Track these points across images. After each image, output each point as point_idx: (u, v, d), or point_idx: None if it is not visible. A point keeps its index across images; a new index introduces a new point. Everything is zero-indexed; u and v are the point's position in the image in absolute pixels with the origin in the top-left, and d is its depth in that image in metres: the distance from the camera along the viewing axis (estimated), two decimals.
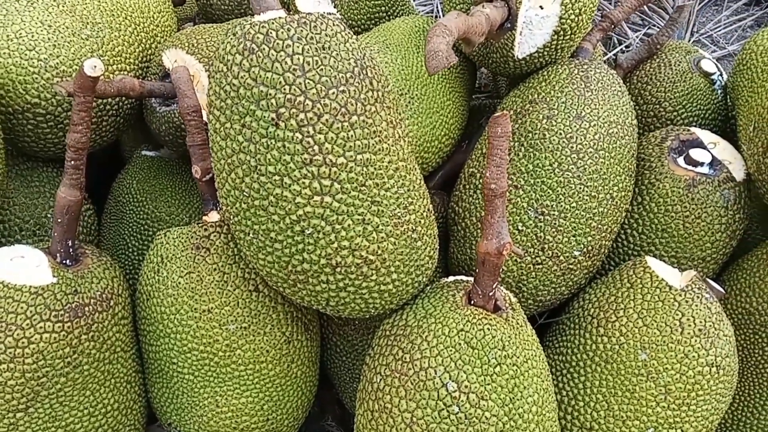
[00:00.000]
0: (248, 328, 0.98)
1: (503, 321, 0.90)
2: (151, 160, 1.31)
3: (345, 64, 0.82)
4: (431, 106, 1.15)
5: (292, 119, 0.79)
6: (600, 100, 1.08)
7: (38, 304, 0.89)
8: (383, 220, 0.85)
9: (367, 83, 0.84)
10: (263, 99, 0.80)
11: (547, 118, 1.07)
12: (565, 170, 1.04)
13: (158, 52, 1.23)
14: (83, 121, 0.90)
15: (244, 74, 0.80)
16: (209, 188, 1.07)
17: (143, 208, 1.25)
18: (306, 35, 0.81)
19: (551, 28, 1.09)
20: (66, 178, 0.93)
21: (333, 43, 0.82)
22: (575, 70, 1.11)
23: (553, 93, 1.09)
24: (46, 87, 1.06)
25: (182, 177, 1.30)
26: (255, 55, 0.80)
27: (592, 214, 1.05)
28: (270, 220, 0.84)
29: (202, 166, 1.05)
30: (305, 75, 0.80)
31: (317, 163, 0.81)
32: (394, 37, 1.20)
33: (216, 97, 0.84)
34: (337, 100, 0.81)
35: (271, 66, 0.79)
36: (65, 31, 1.09)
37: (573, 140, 1.05)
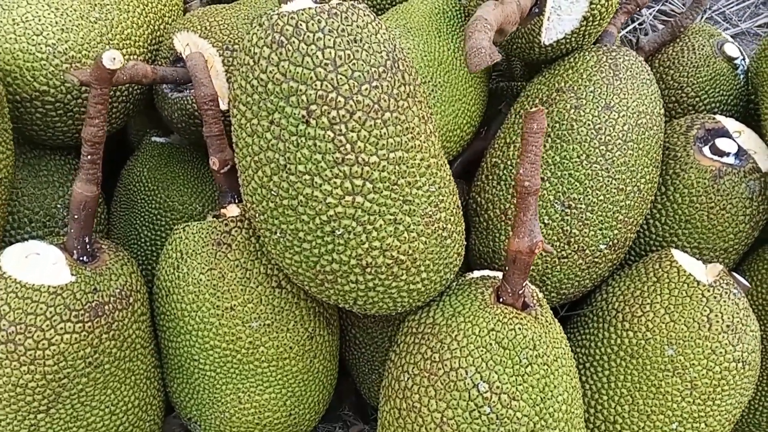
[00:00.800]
0: (271, 325, 0.96)
1: (533, 319, 0.89)
2: (161, 146, 1.27)
3: (377, 58, 0.79)
4: (454, 94, 1.12)
5: (324, 117, 0.76)
6: (629, 90, 1.05)
7: (58, 304, 0.87)
8: (415, 219, 0.83)
9: (399, 77, 0.81)
10: (293, 95, 0.76)
11: (575, 108, 1.04)
12: (593, 162, 1.02)
13: (167, 34, 1.18)
14: (100, 114, 0.86)
15: (272, 69, 0.77)
16: (227, 180, 1.03)
17: (155, 198, 1.21)
18: (337, 27, 0.77)
19: (581, 14, 1.05)
20: (82, 173, 0.90)
21: (364, 35, 0.79)
22: (603, 57, 1.08)
23: (581, 81, 1.06)
24: (55, 74, 1.02)
25: (194, 164, 1.27)
26: (284, 48, 0.76)
27: (619, 207, 1.03)
28: (299, 220, 0.81)
29: (220, 158, 1.01)
30: (337, 70, 0.76)
31: (349, 163, 0.78)
32: (414, 21, 1.16)
33: (242, 91, 0.80)
34: (369, 96, 0.77)
35: (302, 60, 0.76)
36: (73, 14, 1.04)
37: (602, 131, 1.02)
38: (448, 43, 1.15)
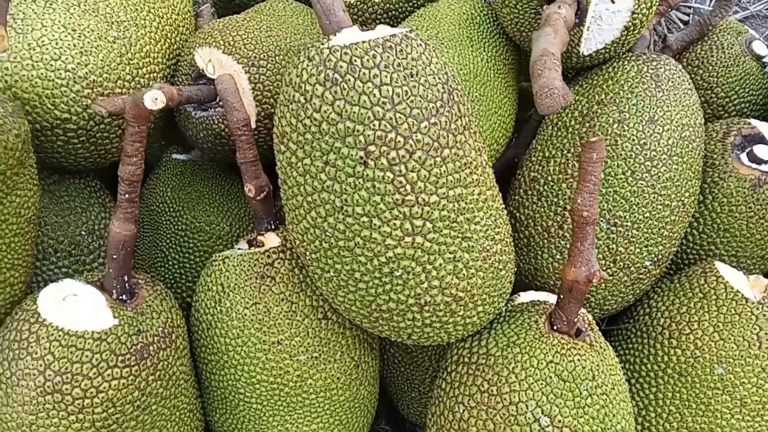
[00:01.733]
0: (319, 357, 0.94)
1: (589, 347, 0.88)
2: (183, 164, 1.23)
3: (434, 92, 0.75)
4: (490, 107, 1.08)
5: (383, 157, 0.73)
6: (672, 102, 1.03)
7: (103, 350, 0.84)
8: (473, 255, 0.81)
9: (456, 110, 0.77)
10: (350, 135, 0.73)
11: (618, 123, 1.01)
12: (638, 179, 1.00)
13: (185, 47, 1.13)
14: (137, 153, 0.82)
15: (327, 108, 0.73)
16: (263, 206, 1.00)
17: (181, 219, 1.17)
18: (393, 62, 0.73)
19: (622, 24, 1.02)
20: (119, 211, 0.86)
21: (420, 68, 0.75)
22: (644, 67, 1.05)
23: (623, 94, 1.03)
24: (76, 100, 0.97)
25: (218, 181, 1.22)
26: (339, 86, 0.72)
27: (664, 223, 1.02)
28: (355, 261, 0.79)
29: (256, 185, 0.98)
30: (395, 108, 0.72)
31: (409, 203, 0.75)
32: (445, 29, 1.11)
33: (292, 129, 0.76)
34: (429, 134, 0.74)
35: (358, 99, 0.72)
36: (91, 35, 0.98)
37: (646, 147, 1.00)
38: (481, 53, 1.11)
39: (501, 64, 1.15)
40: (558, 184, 1.04)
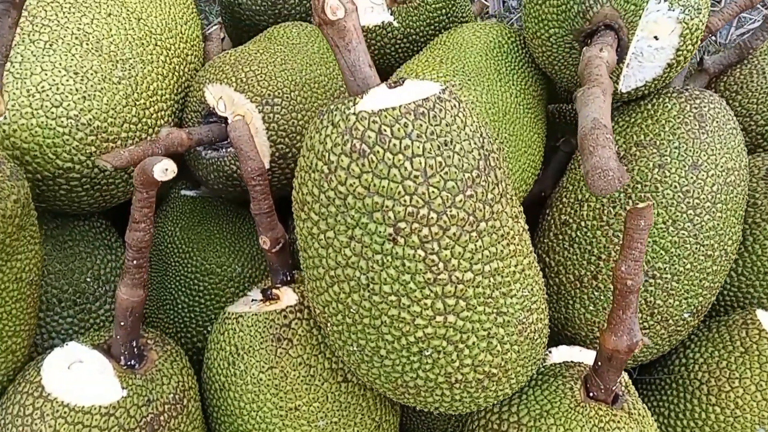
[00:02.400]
0: (338, 421, 0.89)
1: (628, 417, 0.82)
2: (192, 201, 1.16)
3: (470, 160, 0.68)
4: (520, 147, 1.02)
5: (414, 235, 0.67)
6: (717, 144, 0.96)
7: (111, 426, 0.79)
8: (508, 330, 0.75)
9: (493, 177, 0.71)
10: (378, 211, 0.66)
11: (659, 167, 0.94)
12: (680, 229, 0.93)
13: (195, 81, 1.06)
14: (146, 219, 0.76)
15: (353, 181, 0.66)
16: (279, 258, 0.94)
17: (190, 261, 1.12)
18: (425, 130, 0.66)
19: (665, 61, 0.94)
20: (127, 277, 0.80)
21: (454, 134, 0.68)
22: (687, 106, 0.97)
23: (664, 135, 0.96)
24: (80, 148, 0.90)
25: (229, 219, 1.16)
26: (367, 159, 0.66)
27: (706, 274, 0.96)
28: (381, 339, 0.73)
29: (271, 237, 0.92)
30: (428, 182, 0.66)
31: (442, 282, 0.69)
32: (472, 62, 1.04)
33: (314, 199, 0.70)
34: (464, 207, 0.68)
35: (388, 172, 0.65)
36: (94, 77, 0.92)
37: (689, 194, 0.93)
38: (509, 87, 1.04)
39: (530, 96, 1.07)
40: (592, 231, 0.98)
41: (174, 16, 1.11)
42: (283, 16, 1.27)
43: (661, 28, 0.90)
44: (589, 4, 0.91)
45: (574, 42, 0.96)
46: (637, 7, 0.89)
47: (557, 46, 0.99)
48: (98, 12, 0.97)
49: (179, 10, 1.13)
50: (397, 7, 1.15)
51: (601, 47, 0.84)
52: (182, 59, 1.09)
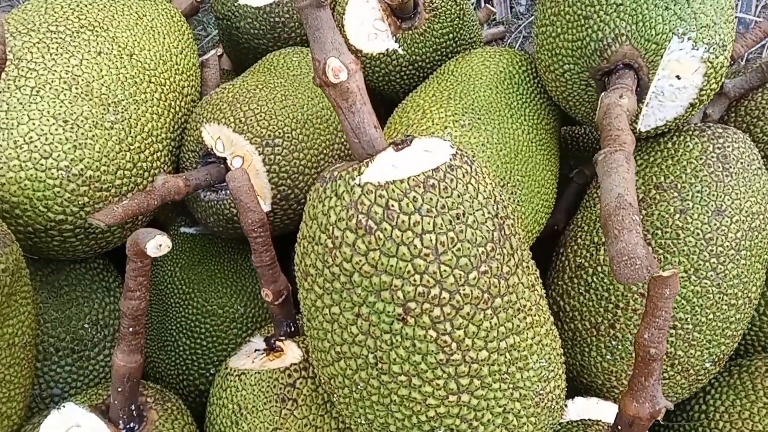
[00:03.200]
0: None
1: None
2: (192, 239, 1.12)
3: (483, 232, 0.64)
4: (533, 188, 0.97)
5: (425, 315, 0.63)
6: (741, 187, 0.91)
7: None
8: (525, 403, 0.71)
9: (508, 248, 0.66)
10: (386, 290, 0.62)
11: (681, 213, 0.90)
12: (702, 278, 0.89)
13: (191, 119, 1.01)
14: (141, 287, 0.72)
15: (359, 258, 0.62)
16: (282, 310, 0.90)
17: (191, 302, 1.08)
18: (436, 204, 0.62)
19: (687, 101, 0.89)
20: (123, 344, 0.76)
21: (467, 205, 0.64)
22: (710, 146, 0.92)
23: (685, 178, 0.91)
24: (72, 200, 0.86)
25: (230, 257, 1.12)
26: (374, 236, 0.61)
27: (729, 323, 0.91)
28: (391, 416, 0.69)
29: (274, 289, 0.88)
30: (439, 259, 0.62)
31: (455, 362, 0.65)
32: (482, 96, 0.98)
33: (317, 272, 0.66)
34: (478, 285, 0.63)
35: (396, 250, 0.61)
36: (85, 124, 0.87)
37: (712, 242, 0.89)
38: (522, 122, 0.99)
39: (543, 131, 1.02)
40: (609, 276, 0.93)
41: (168, 46, 1.06)
42: (282, 40, 1.22)
43: (684, 67, 0.85)
44: (607, 43, 0.85)
45: (590, 80, 0.91)
46: (658, 46, 0.84)
47: (572, 82, 0.93)
48: (87, 51, 0.92)
49: (174, 39, 1.08)
50: (403, 34, 1.10)
51: (621, 93, 0.79)
52: (178, 93, 1.04)
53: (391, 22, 1.09)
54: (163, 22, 1.08)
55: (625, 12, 0.84)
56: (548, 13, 0.95)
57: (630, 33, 0.84)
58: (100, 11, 0.99)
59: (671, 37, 0.83)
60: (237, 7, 1.19)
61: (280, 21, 1.18)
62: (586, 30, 0.88)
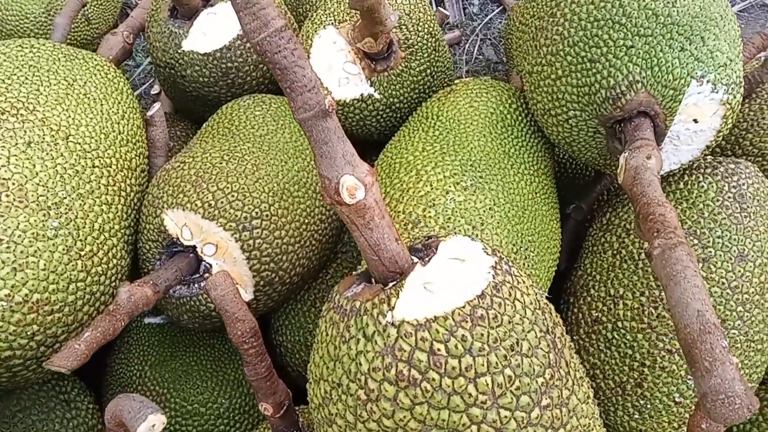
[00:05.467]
0: None
1: None
2: (160, 330, 0.98)
3: (540, 358, 0.55)
4: (543, 245, 0.89)
5: None
6: (761, 227, 0.86)
7: None
8: None
9: (564, 366, 0.58)
10: None
11: (703, 262, 0.84)
12: (730, 329, 0.84)
13: (148, 201, 0.87)
14: None
15: (403, 414, 0.52)
16: (284, 421, 0.79)
17: (168, 404, 0.95)
18: (487, 337, 0.52)
19: (704, 144, 0.83)
20: None
21: (518, 329, 0.54)
22: (725, 186, 0.87)
23: (704, 223, 0.85)
24: (18, 332, 0.71)
25: (205, 343, 0.99)
26: (419, 388, 0.51)
27: (756, 368, 0.87)
28: None
29: (274, 402, 0.76)
30: (497, 403, 0.52)
31: None
32: (477, 147, 0.89)
33: (347, 425, 0.55)
34: (542, 422, 0.55)
35: (448, 402, 0.51)
36: (24, 238, 0.72)
37: (738, 290, 0.83)
38: (523, 173, 0.90)
39: (542, 176, 0.94)
40: (632, 333, 0.87)
41: (107, 113, 0.90)
42: (237, 86, 1.07)
43: (703, 110, 0.78)
44: (620, 91, 0.77)
45: (599, 126, 0.83)
46: (676, 92, 0.76)
47: (578, 129, 0.85)
48: (14, 144, 0.76)
49: (112, 102, 0.93)
50: (377, 77, 0.98)
51: (647, 153, 0.71)
52: (127, 170, 0.89)
53: (365, 65, 0.97)
54: (97, 85, 0.92)
55: (638, 56, 0.76)
56: (543, 52, 0.86)
57: (645, 79, 0.76)
58: (23, 86, 0.82)
59: (690, 81, 0.76)
60: (181, 54, 1.04)
61: (233, 66, 1.04)
62: (594, 75, 0.79)
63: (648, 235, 0.62)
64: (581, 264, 0.98)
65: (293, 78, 0.48)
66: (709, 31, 0.76)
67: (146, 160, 0.97)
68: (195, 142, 0.95)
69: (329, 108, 0.50)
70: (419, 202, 0.83)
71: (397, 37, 0.98)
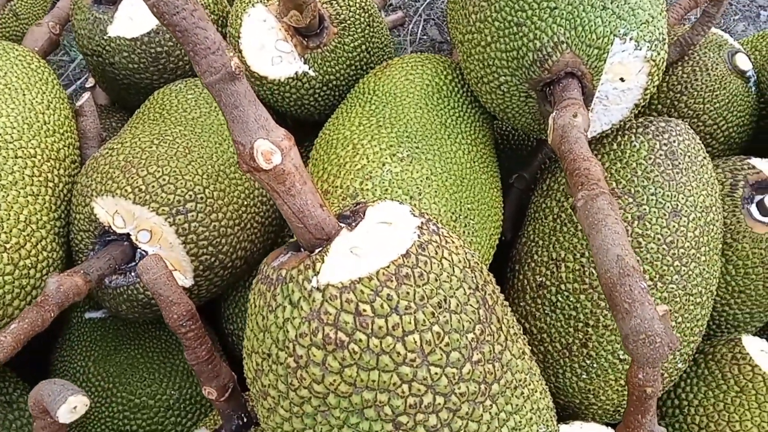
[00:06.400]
0: None
1: None
2: (102, 324, 0.96)
3: (469, 314, 0.55)
4: (484, 211, 0.89)
5: (419, 427, 0.53)
6: (693, 183, 0.87)
7: None
8: None
9: (495, 322, 0.58)
10: (370, 407, 0.52)
11: (639, 219, 0.85)
12: (668, 283, 0.85)
13: (77, 190, 0.84)
14: None
15: (333, 378, 0.51)
16: (230, 404, 0.78)
17: (116, 398, 0.92)
18: (414, 296, 0.52)
19: (632, 102, 0.84)
20: None
21: (446, 287, 0.54)
22: (656, 144, 0.88)
23: (637, 181, 0.87)
24: None
25: (150, 334, 0.97)
26: (348, 350, 0.51)
27: (696, 321, 0.89)
28: None
29: (217, 385, 0.75)
30: (426, 361, 0.52)
31: None
32: (413, 119, 0.88)
33: (280, 395, 0.55)
34: (473, 378, 0.55)
35: (377, 362, 0.51)
36: None
37: (674, 245, 0.85)
38: (460, 143, 0.90)
39: (481, 145, 0.94)
40: (575, 295, 0.88)
41: (31, 104, 0.87)
42: (168, 71, 1.05)
43: (628, 69, 0.79)
44: (546, 53, 0.78)
45: (530, 90, 0.83)
46: (601, 50, 0.77)
47: (510, 94, 0.85)
48: None
49: (36, 92, 0.89)
50: (311, 53, 0.97)
51: (574, 111, 0.71)
52: (54, 160, 0.86)
53: (297, 42, 0.95)
54: (19, 75, 0.89)
55: (561, 17, 0.77)
56: (472, 19, 0.86)
57: (570, 40, 0.77)
58: None
59: (613, 39, 0.77)
60: (108, 40, 1.01)
61: (162, 51, 1.01)
62: (521, 39, 0.79)
63: (573, 190, 0.63)
64: (524, 231, 0.99)
65: (195, 40, 0.47)
66: None
67: (77, 151, 0.94)
68: (125, 128, 0.93)
69: (236, 70, 0.49)
70: (356, 176, 0.82)
71: (328, 12, 0.97)
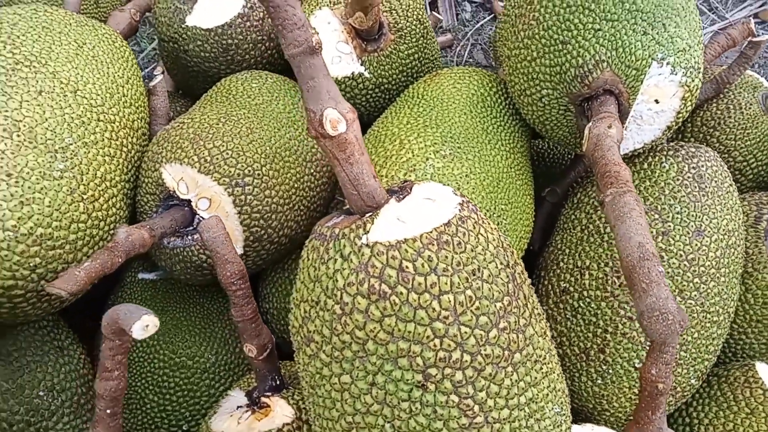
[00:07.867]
0: None
1: None
2: (152, 285, 1.03)
3: (499, 285, 0.61)
4: (516, 216, 0.95)
5: (446, 380, 0.59)
6: (718, 206, 0.92)
7: None
8: None
9: (522, 298, 0.64)
10: (403, 357, 0.58)
11: (663, 235, 0.90)
12: (687, 299, 0.90)
13: (147, 157, 0.93)
14: (119, 366, 0.64)
15: (373, 326, 0.57)
16: (267, 364, 0.84)
17: (158, 355, 0.99)
18: (452, 261, 0.58)
19: (665, 124, 0.89)
20: (100, 427, 0.68)
21: (480, 258, 0.60)
22: (685, 166, 0.93)
23: (664, 199, 0.92)
24: (22, 263, 0.76)
25: (195, 301, 1.04)
26: (389, 301, 0.57)
27: (711, 339, 0.93)
28: None
29: (258, 344, 0.81)
30: (458, 321, 0.58)
31: (477, 425, 0.61)
32: (458, 122, 0.95)
33: (324, 340, 0.61)
34: (498, 343, 0.60)
35: (414, 315, 0.57)
36: (31, 176, 0.77)
37: (695, 262, 0.90)
38: (499, 149, 0.97)
39: (519, 153, 1.01)
40: (596, 302, 0.93)
41: (113, 76, 0.96)
42: (236, 63, 1.14)
43: (663, 91, 0.85)
44: (587, 69, 0.84)
45: (569, 104, 0.90)
46: (638, 72, 0.83)
47: (550, 107, 0.92)
48: (27, 91, 0.82)
49: (118, 67, 0.99)
50: (368, 56, 1.05)
51: (609, 123, 0.78)
52: (129, 129, 0.95)
53: (356, 44, 1.04)
54: (105, 50, 0.99)
55: (604, 38, 0.83)
56: (521, 36, 0.93)
57: (611, 59, 0.83)
58: (36, 43, 0.88)
59: (651, 62, 0.83)
60: (185, 29, 1.11)
61: (233, 43, 1.11)
62: (564, 56, 0.86)
63: (603, 188, 0.68)
64: (552, 240, 1.04)
65: (284, 16, 0.55)
66: (670, 19, 0.84)
67: (147, 126, 1.03)
68: (195, 107, 1.01)
69: (316, 46, 0.56)
70: (401, 167, 0.89)
71: (387, 21, 1.05)
